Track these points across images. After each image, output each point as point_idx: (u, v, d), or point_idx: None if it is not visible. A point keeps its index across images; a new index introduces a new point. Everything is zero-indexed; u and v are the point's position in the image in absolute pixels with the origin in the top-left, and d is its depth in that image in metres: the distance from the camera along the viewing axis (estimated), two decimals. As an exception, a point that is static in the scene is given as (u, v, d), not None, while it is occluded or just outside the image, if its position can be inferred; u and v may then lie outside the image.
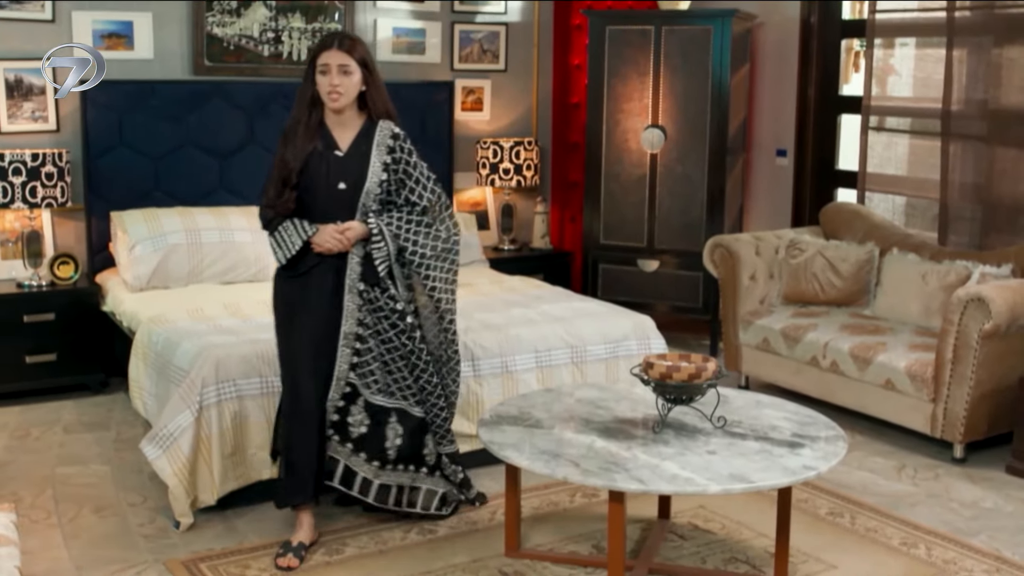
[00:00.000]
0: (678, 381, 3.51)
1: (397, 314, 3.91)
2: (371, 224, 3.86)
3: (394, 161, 3.92)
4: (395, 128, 3.94)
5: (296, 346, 3.90)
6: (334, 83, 3.80)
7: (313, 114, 3.87)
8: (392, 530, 4.06)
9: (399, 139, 3.93)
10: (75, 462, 4.76)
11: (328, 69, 3.80)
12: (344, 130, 3.91)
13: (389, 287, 3.90)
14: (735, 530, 4.11)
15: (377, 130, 3.91)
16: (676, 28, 6.54)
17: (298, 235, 3.83)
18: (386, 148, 3.91)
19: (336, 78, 3.80)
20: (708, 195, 6.54)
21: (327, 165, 3.86)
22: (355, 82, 3.84)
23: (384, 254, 3.88)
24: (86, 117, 5.85)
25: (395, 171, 3.93)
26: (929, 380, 4.83)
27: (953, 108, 5.81)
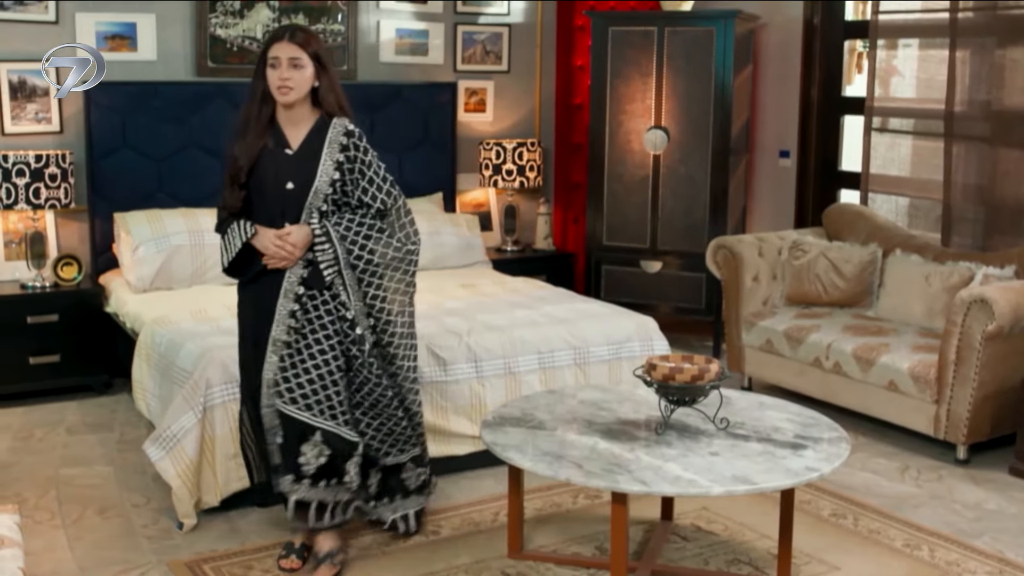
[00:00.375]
0: (681, 383, 3.51)
1: (347, 323, 3.67)
2: (314, 226, 3.64)
3: (348, 160, 3.68)
4: (349, 125, 3.70)
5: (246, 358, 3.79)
6: (284, 77, 3.59)
7: (264, 110, 3.67)
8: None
9: (353, 136, 3.70)
10: (79, 463, 4.77)
11: (278, 63, 3.59)
12: (296, 127, 3.70)
13: (340, 293, 3.67)
14: (738, 531, 4.11)
15: (330, 127, 3.68)
16: (679, 29, 6.55)
17: (239, 236, 3.66)
18: (339, 146, 3.68)
19: (286, 72, 3.59)
20: (711, 196, 6.54)
21: (276, 164, 3.66)
22: (307, 77, 3.62)
23: (331, 257, 3.64)
24: (89, 118, 5.86)
25: (349, 170, 3.68)
26: (932, 381, 4.83)
27: (956, 109, 5.80)
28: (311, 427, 3.65)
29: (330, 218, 3.68)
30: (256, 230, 3.65)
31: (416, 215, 6.23)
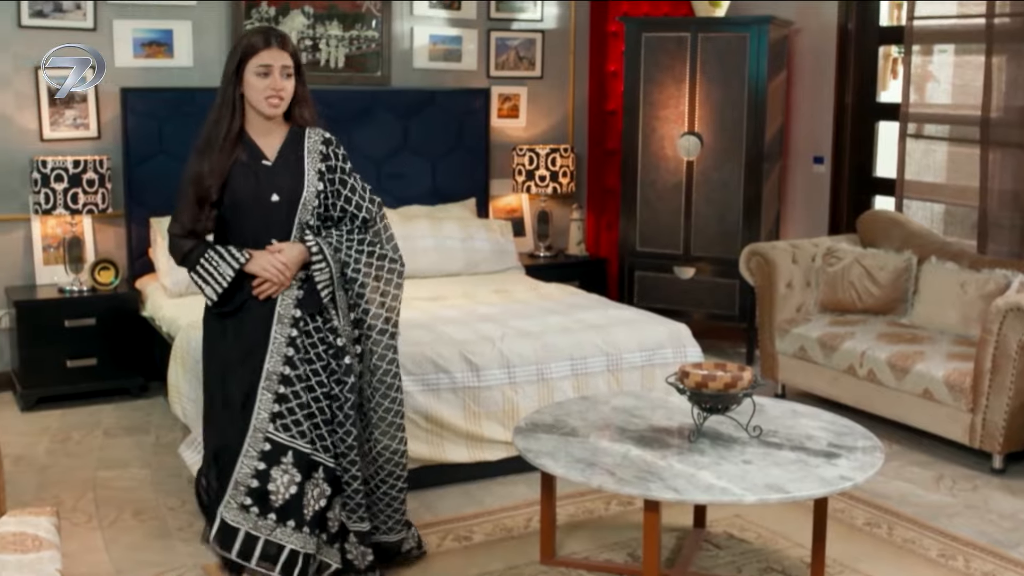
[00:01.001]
0: (714, 390, 3.51)
1: (334, 350, 3.46)
2: (310, 243, 3.42)
3: (328, 169, 3.48)
4: (326, 133, 3.52)
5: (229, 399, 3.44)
6: (278, 87, 3.37)
7: (235, 122, 3.41)
8: (427, 536, 4.07)
9: (332, 144, 3.52)
10: (115, 466, 4.82)
11: (271, 71, 3.36)
12: (269, 138, 3.47)
13: (332, 318, 3.46)
14: (771, 540, 4.10)
15: (307, 136, 3.49)
16: (712, 35, 6.54)
17: (228, 264, 3.36)
18: (319, 155, 3.48)
19: (280, 81, 3.38)
20: (744, 202, 6.53)
21: (255, 177, 3.41)
22: (293, 85, 3.44)
23: (327, 277, 3.42)
24: (126, 124, 5.92)
25: (330, 180, 3.48)
26: (967, 390, 4.80)
27: (992, 115, 5.76)
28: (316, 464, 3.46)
29: (319, 233, 3.47)
30: (250, 255, 3.38)
31: (450, 221, 6.38)
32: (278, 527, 3.41)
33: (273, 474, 3.39)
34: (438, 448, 4.53)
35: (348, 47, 6.59)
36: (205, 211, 3.41)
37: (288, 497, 3.40)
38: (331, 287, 3.44)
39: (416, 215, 6.41)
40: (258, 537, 3.40)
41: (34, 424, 5.35)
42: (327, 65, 6.54)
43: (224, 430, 3.46)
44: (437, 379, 4.54)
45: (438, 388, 4.54)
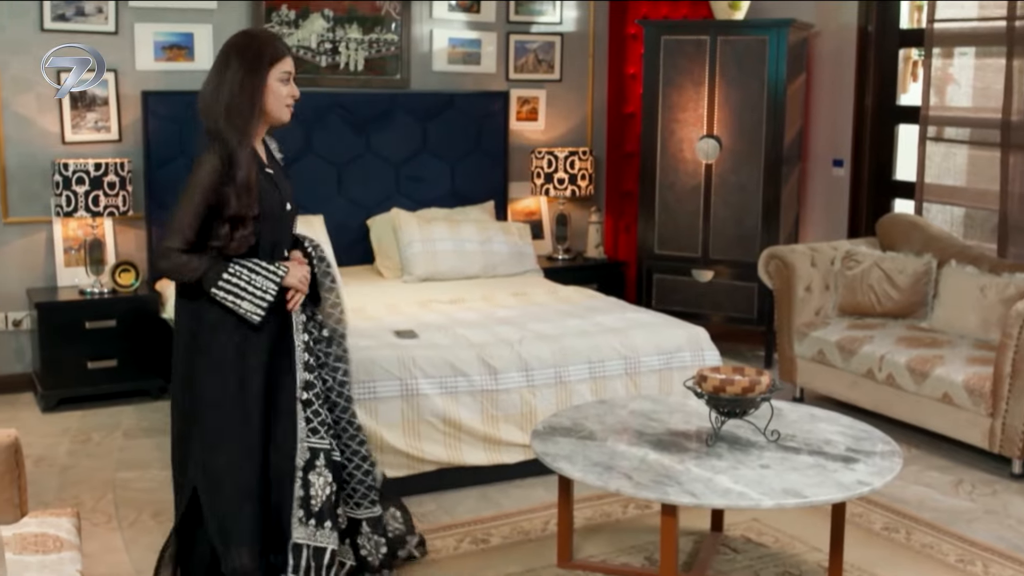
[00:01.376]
0: (731, 394, 3.51)
1: (323, 343, 3.54)
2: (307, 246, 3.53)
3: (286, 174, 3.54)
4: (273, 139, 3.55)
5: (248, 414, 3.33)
6: (296, 94, 3.37)
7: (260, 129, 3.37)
8: (445, 539, 4.09)
9: (280, 149, 3.59)
10: (135, 467, 4.85)
11: (290, 78, 3.36)
12: (259, 146, 3.43)
13: (315, 312, 3.53)
14: (788, 544, 4.09)
15: (268, 142, 3.51)
16: (731, 38, 6.53)
17: (268, 279, 3.28)
18: (282, 159, 3.58)
19: (295, 88, 3.37)
20: (763, 205, 6.52)
21: (271, 186, 3.37)
22: None
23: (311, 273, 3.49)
24: (147, 127, 5.96)
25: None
26: (987, 394, 4.78)
27: (1013, 118, 5.74)
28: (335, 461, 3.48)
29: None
30: (287, 268, 3.34)
31: (468, 223, 6.40)
32: (318, 531, 3.40)
33: (311, 479, 3.38)
34: (456, 451, 4.54)
35: (368, 50, 6.61)
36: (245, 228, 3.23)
37: (323, 499, 3.40)
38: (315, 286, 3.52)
39: (435, 218, 6.43)
40: (309, 546, 3.38)
41: (55, 425, 5.39)
42: (347, 68, 6.56)
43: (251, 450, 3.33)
44: (455, 382, 4.55)
45: (456, 391, 4.55)
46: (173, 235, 3.21)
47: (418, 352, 4.57)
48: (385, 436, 4.40)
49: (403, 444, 4.44)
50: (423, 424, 4.49)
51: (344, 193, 6.50)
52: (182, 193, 3.23)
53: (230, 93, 3.24)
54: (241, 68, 3.27)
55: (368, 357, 4.47)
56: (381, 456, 4.40)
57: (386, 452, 4.40)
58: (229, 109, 3.23)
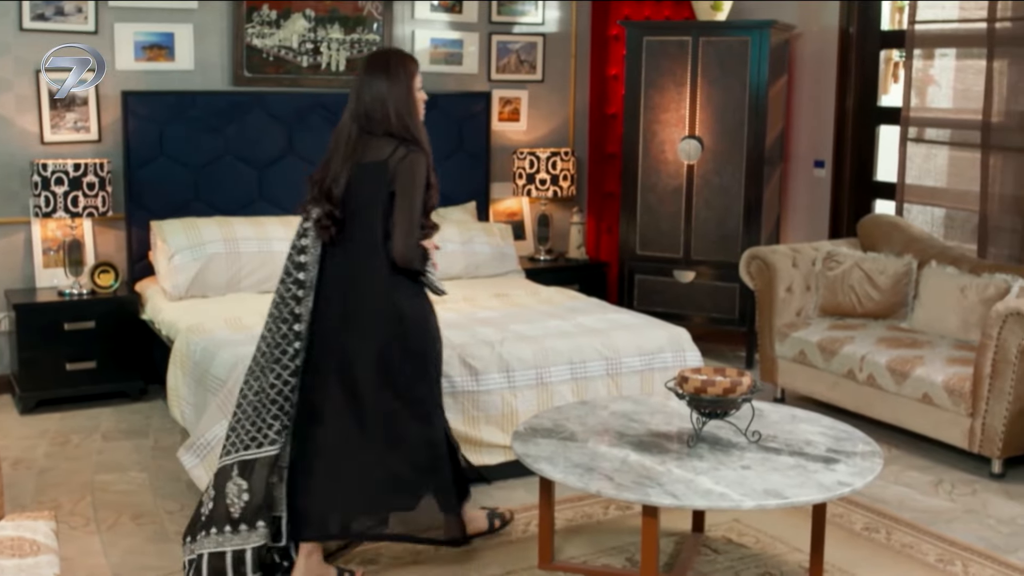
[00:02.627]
0: (712, 395, 3.51)
1: None
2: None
3: None
4: None
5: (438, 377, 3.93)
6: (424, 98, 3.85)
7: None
8: (426, 541, 4.08)
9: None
10: (114, 469, 4.82)
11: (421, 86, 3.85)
12: None
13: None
14: (769, 544, 4.09)
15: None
16: (713, 39, 6.54)
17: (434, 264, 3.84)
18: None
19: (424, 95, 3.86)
20: (745, 206, 6.53)
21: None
22: None
23: None
24: (127, 127, 5.93)
25: None
26: (967, 395, 4.79)
27: (993, 120, 5.76)
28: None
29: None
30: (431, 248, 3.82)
31: (450, 224, 6.39)
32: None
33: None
34: (437, 452, 4.52)
35: (349, 50, 6.59)
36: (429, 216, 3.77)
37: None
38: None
39: (416, 218, 6.40)
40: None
41: (33, 427, 5.35)
42: (328, 68, 6.54)
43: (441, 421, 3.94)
44: (436, 383, 4.53)
45: (437, 392, 4.53)
46: (415, 229, 3.65)
47: (399, 353, 4.55)
48: (366, 437, 4.38)
49: (384, 445, 4.42)
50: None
51: (325, 194, 6.47)
52: (410, 191, 3.64)
53: (397, 101, 3.70)
54: (398, 81, 3.71)
55: (349, 358, 4.44)
56: (362, 458, 4.38)
57: (367, 454, 4.39)
58: (406, 116, 3.70)
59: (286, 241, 5.80)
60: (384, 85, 3.69)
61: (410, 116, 3.71)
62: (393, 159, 3.64)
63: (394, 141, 3.67)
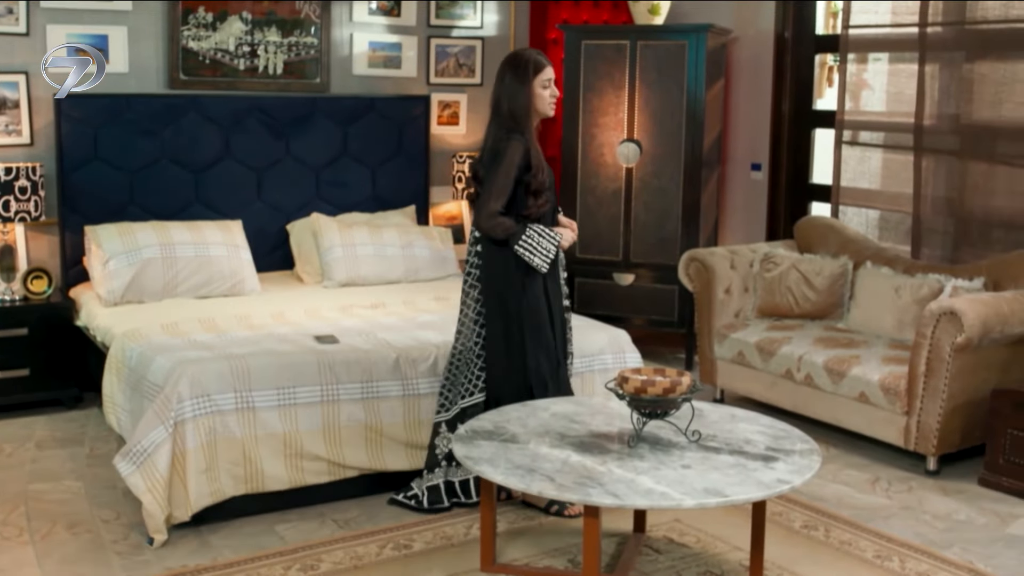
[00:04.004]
0: (653, 395, 3.52)
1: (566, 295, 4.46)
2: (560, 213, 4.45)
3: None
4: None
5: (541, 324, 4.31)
6: (557, 95, 4.30)
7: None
8: (367, 545, 4.05)
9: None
10: (48, 478, 4.73)
11: (550, 84, 4.26)
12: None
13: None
14: (710, 543, 4.12)
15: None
16: (651, 43, 6.58)
17: (550, 242, 4.23)
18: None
19: (555, 90, 4.29)
20: (683, 209, 6.57)
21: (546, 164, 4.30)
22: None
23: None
24: (60, 131, 5.83)
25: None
26: (902, 393, 4.86)
27: (925, 123, 5.86)
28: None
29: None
30: (560, 234, 4.27)
31: (390, 228, 6.37)
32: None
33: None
34: (378, 457, 4.50)
35: (287, 53, 6.54)
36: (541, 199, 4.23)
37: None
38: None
39: (356, 222, 6.38)
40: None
41: (-35, 436, 5.25)
42: (266, 71, 6.49)
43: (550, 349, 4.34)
44: (377, 387, 4.51)
45: (377, 396, 4.51)
46: (495, 200, 4.16)
47: (339, 357, 4.53)
48: (305, 442, 4.35)
49: (324, 450, 4.39)
50: (344, 429, 4.44)
51: (263, 198, 6.42)
52: (495, 169, 4.17)
53: (511, 96, 4.22)
54: (515, 79, 4.23)
55: (288, 363, 4.41)
56: (301, 462, 4.35)
57: (306, 458, 4.36)
58: (516, 109, 4.21)
59: (223, 245, 5.79)
60: (505, 81, 4.24)
61: (521, 109, 4.21)
62: (494, 143, 4.23)
63: (503, 130, 4.22)
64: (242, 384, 4.27)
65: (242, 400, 4.26)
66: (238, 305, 5.49)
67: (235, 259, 5.83)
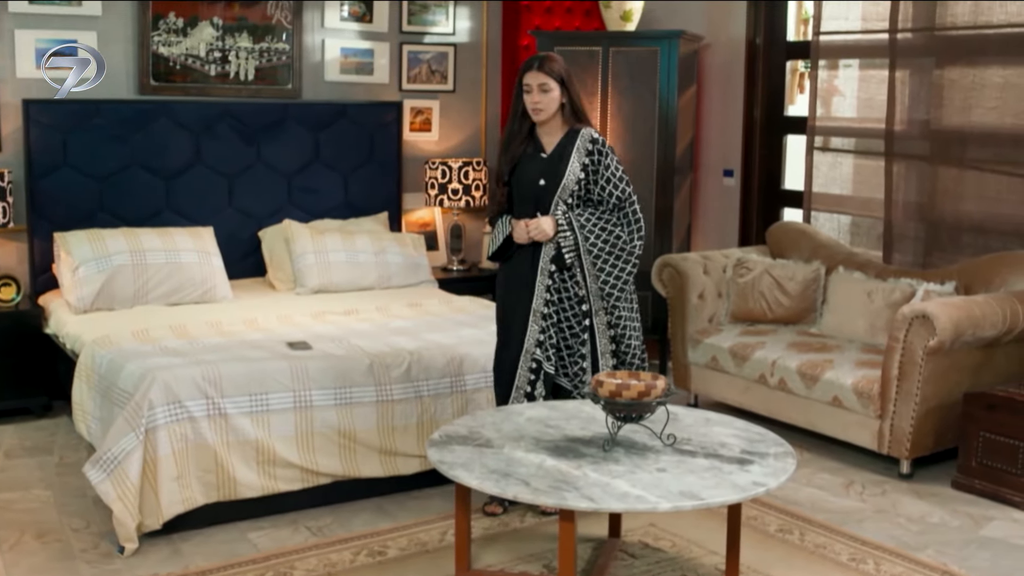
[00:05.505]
0: (628, 399, 3.51)
1: (577, 298, 4.35)
2: (558, 216, 4.31)
3: (592, 163, 4.32)
4: (594, 134, 4.36)
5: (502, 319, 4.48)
6: (535, 100, 4.28)
7: (523, 124, 4.38)
8: (341, 552, 4.02)
9: (597, 143, 4.34)
10: (16, 487, 4.67)
11: (530, 88, 4.28)
12: (550, 136, 4.37)
13: (576, 274, 4.34)
14: (685, 548, 4.11)
15: (579, 136, 4.33)
16: (623, 49, 6.58)
17: (502, 232, 4.43)
18: (585, 151, 4.32)
19: (536, 96, 4.27)
20: (656, 215, 6.58)
21: (533, 165, 4.36)
22: (554, 97, 4.29)
23: (571, 243, 4.30)
24: (29, 136, 5.78)
25: (593, 171, 4.33)
26: (875, 397, 4.88)
27: (896, 128, 5.89)
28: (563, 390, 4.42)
29: (574, 211, 4.34)
30: (512, 224, 4.38)
31: (362, 235, 6.34)
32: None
33: (537, 385, 4.38)
34: (351, 463, 4.47)
35: (258, 59, 6.51)
36: (500, 188, 4.44)
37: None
38: (575, 251, 4.32)
39: (328, 229, 6.35)
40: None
41: (-69, 446, 5.18)
42: (237, 77, 6.45)
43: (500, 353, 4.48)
44: (350, 393, 4.49)
45: (351, 402, 4.48)
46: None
47: (311, 363, 4.50)
48: (278, 449, 4.32)
49: (297, 457, 4.36)
50: (317, 436, 4.41)
51: (235, 204, 6.38)
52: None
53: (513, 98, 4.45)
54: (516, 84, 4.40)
55: (260, 368, 4.38)
56: (274, 469, 4.32)
57: (279, 465, 4.32)
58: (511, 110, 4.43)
59: (194, 252, 5.75)
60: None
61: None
62: None
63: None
64: (214, 390, 4.23)
65: (214, 407, 4.22)
66: (210, 312, 5.45)
67: (206, 266, 5.79)
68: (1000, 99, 5.49)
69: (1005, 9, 5.40)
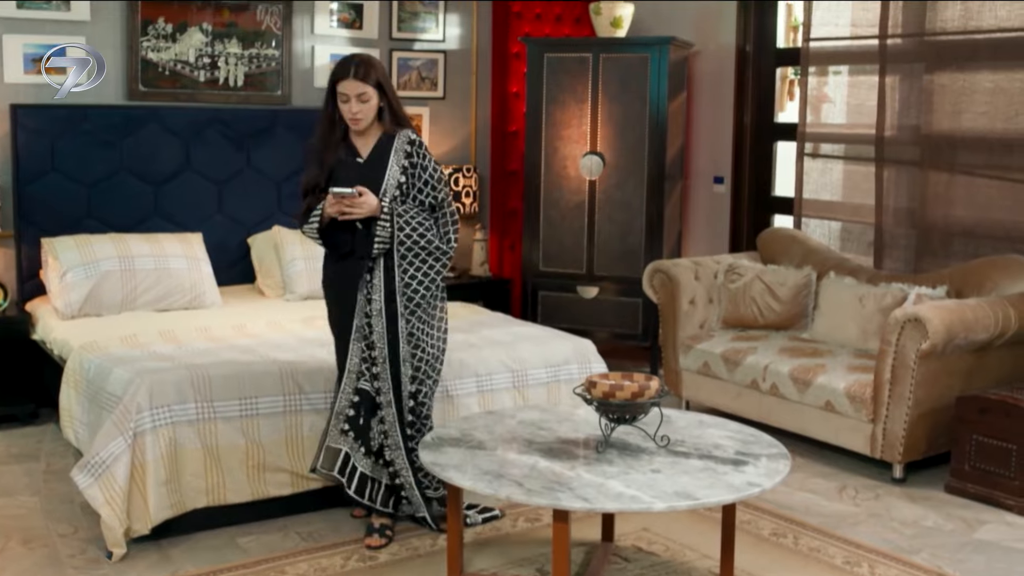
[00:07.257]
0: (621, 400, 3.49)
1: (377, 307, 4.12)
2: (384, 202, 4.08)
3: (411, 165, 4.16)
4: (412, 135, 4.20)
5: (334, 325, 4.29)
6: (354, 111, 4.08)
7: (336, 131, 4.18)
8: (331, 557, 3.99)
9: (415, 145, 4.19)
10: (2, 494, 4.62)
11: (347, 98, 4.07)
12: (364, 140, 4.19)
13: (374, 267, 4.11)
14: (679, 552, 4.09)
15: (396, 138, 4.17)
16: (613, 56, 6.58)
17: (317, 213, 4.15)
18: (404, 153, 4.16)
19: (355, 106, 4.07)
20: (647, 221, 6.57)
21: (348, 171, 4.14)
22: (373, 105, 4.10)
23: (386, 234, 4.07)
24: (16, 142, 5.74)
25: (411, 174, 4.16)
26: (868, 401, 4.86)
27: (886, 134, 5.89)
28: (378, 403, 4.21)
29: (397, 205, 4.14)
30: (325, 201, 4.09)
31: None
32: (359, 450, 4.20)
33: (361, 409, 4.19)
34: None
35: (248, 65, 6.49)
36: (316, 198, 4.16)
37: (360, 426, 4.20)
38: (386, 243, 4.07)
39: (318, 235, 6.31)
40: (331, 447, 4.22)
41: (-83, 453, 5.13)
42: (226, 83, 6.43)
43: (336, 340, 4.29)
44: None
45: (342, 406, 4.45)
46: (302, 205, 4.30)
47: (301, 367, 4.46)
48: (268, 453, 4.28)
49: (287, 462, 4.32)
50: (308, 440, 4.37)
51: (224, 210, 6.35)
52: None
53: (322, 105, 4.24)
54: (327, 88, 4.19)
55: (250, 372, 4.35)
56: (263, 474, 4.28)
57: (269, 470, 4.28)
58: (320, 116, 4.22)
59: (183, 258, 5.72)
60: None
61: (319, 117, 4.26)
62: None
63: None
64: (203, 394, 4.20)
65: (203, 411, 4.19)
66: (198, 318, 5.42)
67: (195, 272, 5.76)
68: (990, 104, 5.50)
69: (995, 14, 5.41)
